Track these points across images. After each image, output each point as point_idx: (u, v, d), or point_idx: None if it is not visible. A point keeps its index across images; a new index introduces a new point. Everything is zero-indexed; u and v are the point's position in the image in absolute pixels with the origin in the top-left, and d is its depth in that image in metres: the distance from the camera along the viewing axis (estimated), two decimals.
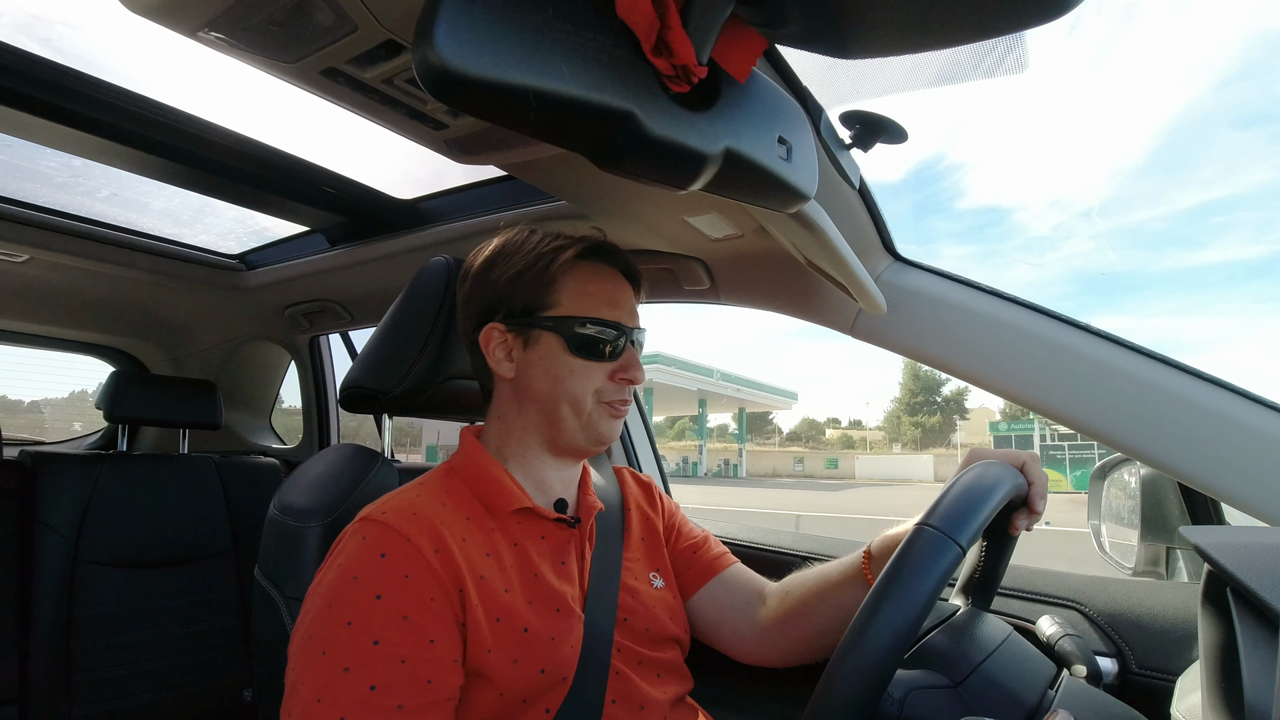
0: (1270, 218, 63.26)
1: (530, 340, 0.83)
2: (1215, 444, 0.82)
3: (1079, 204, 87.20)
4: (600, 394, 0.83)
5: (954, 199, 71.70)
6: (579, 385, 0.82)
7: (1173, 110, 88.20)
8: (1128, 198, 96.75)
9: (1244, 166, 63.93)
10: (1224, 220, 58.52)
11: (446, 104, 0.42)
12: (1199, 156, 79.32)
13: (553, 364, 0.82)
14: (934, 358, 1.02)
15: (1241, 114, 77.27)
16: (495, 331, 0.84)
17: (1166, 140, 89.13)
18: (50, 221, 1.59)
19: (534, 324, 0.82)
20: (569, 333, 0.82)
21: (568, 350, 0.82)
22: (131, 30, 0.97)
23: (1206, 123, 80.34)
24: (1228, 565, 0.55)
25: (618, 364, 0.84)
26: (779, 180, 0.61)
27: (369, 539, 0.71)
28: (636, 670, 0.82)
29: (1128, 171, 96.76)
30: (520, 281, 0.83)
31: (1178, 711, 0.68)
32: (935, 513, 0.62)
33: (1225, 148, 71.55)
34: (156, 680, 1.76)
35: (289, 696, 0.65)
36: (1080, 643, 0.83)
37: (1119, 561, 1.15)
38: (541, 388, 0.83)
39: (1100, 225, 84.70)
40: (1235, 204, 60.03)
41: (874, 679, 0.54)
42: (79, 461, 1.81)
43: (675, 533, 1.01)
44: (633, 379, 0.84)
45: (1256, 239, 57.71)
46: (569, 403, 0.82)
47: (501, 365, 0.85)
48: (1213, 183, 68.20)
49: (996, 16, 0.42)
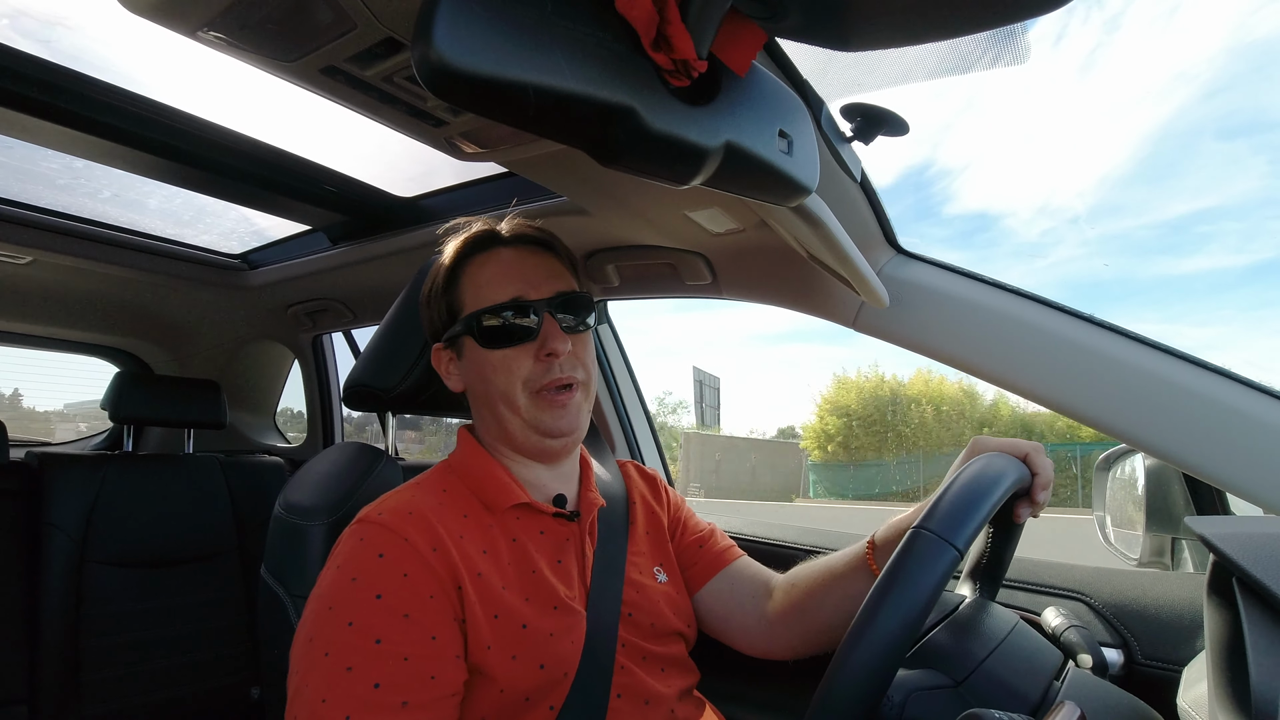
0: (1254, 227, 63.56)
1: (460, 350, 0.85)
2: (1220, 434, 0.82)
3: (1068, 211, 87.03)
4: (529, 383, 0.81)
5: (942, 204, 71.52)
6: (502, 379, 0.81)
7: (1159, 119, 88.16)
8: (1115, 205, 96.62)
9: (1229, 176, 64.11)
10: (1210, 229, 58.79)
11: (446, 101, 0.42)
12: (1185, 166, 79.39)
13: (478, 365, 0.83)
14: (937, 351, 1.01)
15: (1227, 125, 77.37)
16: (439, 352, 0.88)
17: (1154, 149, 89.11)
18: (53, 223, 1.59)
19: (455, 334, 0.84)
20: (476, 328, 0.82)
21: (481, 346, 0.82)
22: (131, 31, 0.97)
23: (1193, 132, 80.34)
24: (1233, 556, 0.55)
25: (536, 343, 0.80)
26: (780, 174, 0.60)
27: (366, 540, 0.71)
28: (641, 665, 0.82)
29: (1115, 180, 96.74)
30: (433, 298, 0.86)
31: (1184, 702, 0.68)
32: (933, 515, 0.61)
33: (1211, 157, 71.63)
34: (164, 679, 1.77)
35: (293, 699, 0.65)
36: (1086, 634, 0.83)
37: (1124, 553, 1.15)
38: (479, 392, 0.84)
39: (1089, 232, 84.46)
40: (1221, 214, 60.35)
41: (871, 686, 0.54)
42: (85, 462, 1.82)
43: (681, 526, 1.01)
44: (554, 352, 0.80)
45: (1241, 248, 57.92)
46: (503, 401, 0.81)
47: (452, 380, 0.88)
48: (1199, 192, 68.30)
49: (996, 7, 0.42)
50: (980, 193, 77.26)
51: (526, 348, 0.80)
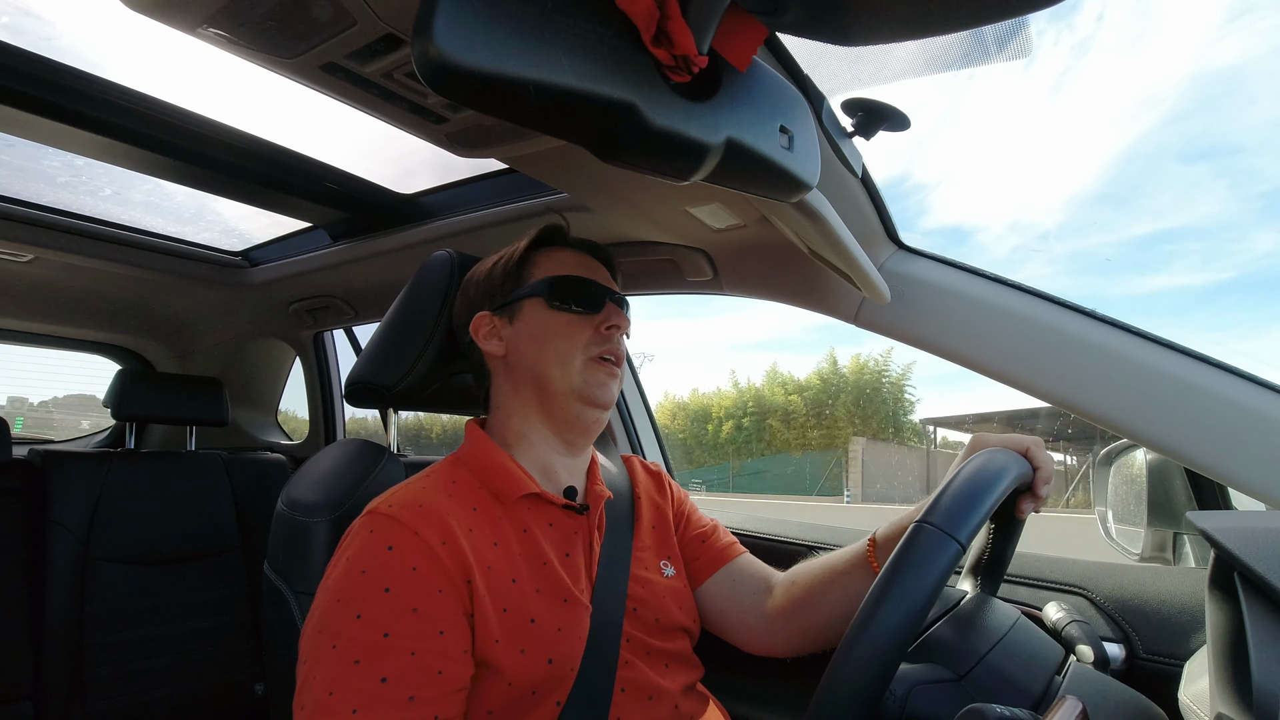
0: (1215, 247, 64.01)
1: (515, 314, 0.88)
2: (1221, 428, 0.82)
3: (1038, 227, 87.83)
4: (588, 348, 0.85)
5: (917, 217, 71.75)
6: (563, 342, 0.85)
7: (1125, 141, 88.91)
8: (1082, 224, 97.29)
9: (1192, 199, 64.85)
10: (1174, 249, 59.35)
11: (446, 98, 0.42)
12: (1150, 186, 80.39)
13: (537, 326, 0.86)
14: (938, 346, 1.01)
15: (1191, 148, 78.40)
16: (483, 318, 0.90)
17: (1120, 170, 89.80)
18: (54, 221, 1.59)
19: (515, 297, 0.88)
20: (547, 290, 0.86)
21: (548, 306, 0.86)
22: (132, 28, 0.97)
23: (1157, 155, 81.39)
24: (1235, 550, 0.55)
25: (600, 316, 0.87)
26: (781, 170, 0.60)
27: (376, 532, 0.71)
28: (645, 660, 0.82)
29: (1083, 199, 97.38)
30: (496, 272, 0.90)
31: (1185, 696, 0.68)
32: (935, 509, 0.61)
33: (1175, 180, 72.48)
34: (168, 675, 1.78)
35: (301, 690, 0.65)
36: (1087, 629, 0.83)
37: (1125, 547, 1.15)
38: (529, 352, 0.86)
39: (1057, 249, 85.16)
40: (1184, 234, 60.92)
41: (874, 681, 0.54)
42: (88, 459, 1.83)
43: (684, 520, 1.02)
44: (617, 325, 0.86)
45: (1203, 266, 58.39)
46: (557, 361, 0.84)
47: (492, 344, 0.89)
48: (1163, 213, 69.09)
49: (998, 1, 0.42)
50: (954, 207, 77.51)
51: (590, 318, 0.86)
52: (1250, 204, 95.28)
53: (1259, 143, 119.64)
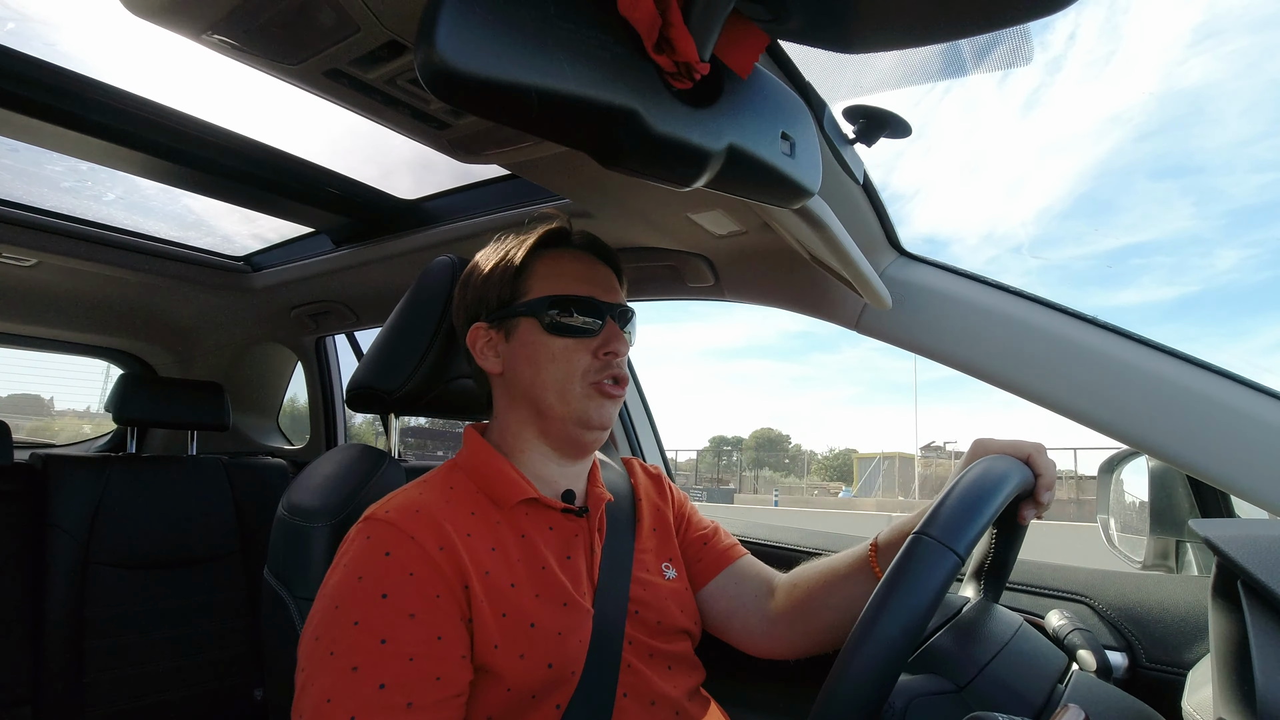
0: (1182, 262, 64.56)
1: (511, 331, 0.85)
2: (1224, 436, 0.81)
3: (1011, 239, 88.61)
4: (586, 374, 0.83)
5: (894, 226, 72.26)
6: (560, 369, 0.82)
7: (1096, 158, 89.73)
8: (1055, 238, 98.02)
9: (1160, 214, 65.44)
10: (1143, 262, 59.95)
11: (449, 103, 0.42)
12: (1120, 203, 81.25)
13: (533, 350, 0.83)
14: (940, 353, 1.01)
15: (1159, 166, 79.14)
16: (480, 330, 0.87)
17: (1092, 185, 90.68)
18: (57, 225, 1.60)
19: (511, 313, 0.84)
20: (543, 314, 0.83)
21: (544, 332, 0.82)
22: (136, 34, 0.98)
23: (1127, 171, 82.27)
24: (1238, 558, 0.55)
25: (598, 340, 0.84)
26: (783, 176, 0.60)
27: (373, 538, 0.71)
28: (647, 663, 0.82)
29: (1055, 213, 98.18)
30: (493, 278, 0.86)
31: (1189, 705, 0.68)
32: (935, 520, 0.60)
33: (1144, 196, 73.23)
34: (167, 680, 1.77)
35: (299, 697, 0.65)
36: (1089, 637, 0.83)
37: (1128, 555, 1.14)
38: (525, 376, 0.83)
39: (1031, 262, 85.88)
40: (1153, 248, 61.43)
41: (871, 694, 0.53)
42: (89, 464, 1.83)
43: (685, 523, 1.02)
44: (616, 351, 0.83)
45: (1171, 280, 58.93)
46: (554, 389, 0.82)
47: (489, 361, 0.86)
48: (1132, 228, 69.69)
49: (1000, 9, 0.42)
50: (929, 218, 77.94)
51: (587, 342, 0.83)
52: (1215, 221, 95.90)
53: (1224, 162, 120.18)
